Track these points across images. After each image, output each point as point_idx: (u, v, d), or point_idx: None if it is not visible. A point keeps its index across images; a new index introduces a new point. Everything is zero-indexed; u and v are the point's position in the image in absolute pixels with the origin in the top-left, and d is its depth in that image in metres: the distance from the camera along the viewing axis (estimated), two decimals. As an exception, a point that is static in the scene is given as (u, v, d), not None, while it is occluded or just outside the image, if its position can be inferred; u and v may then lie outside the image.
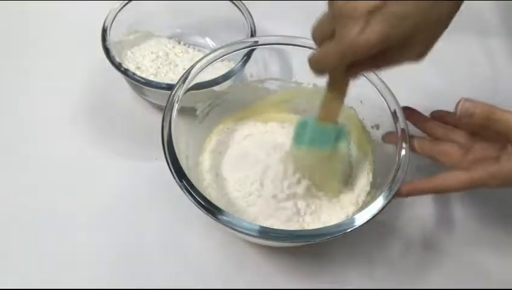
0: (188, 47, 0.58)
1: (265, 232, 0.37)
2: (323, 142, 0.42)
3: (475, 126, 0.39)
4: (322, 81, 0.40)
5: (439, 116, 0.45)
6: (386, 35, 0.31)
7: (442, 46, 0.67)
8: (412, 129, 0.45)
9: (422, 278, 0.46)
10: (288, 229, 0.43)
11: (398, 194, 0.40)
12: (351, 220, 0.38)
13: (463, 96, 0.38)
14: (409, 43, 0.33)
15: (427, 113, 0.46)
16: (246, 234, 0.37)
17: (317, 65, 0.37)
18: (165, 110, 0.42)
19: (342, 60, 0.34)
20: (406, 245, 0.48)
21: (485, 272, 0.47)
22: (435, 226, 0.49)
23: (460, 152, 0.42)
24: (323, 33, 0.35)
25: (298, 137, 0.43)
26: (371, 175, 0.46)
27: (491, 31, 0.67)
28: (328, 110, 0.41)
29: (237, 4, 0.54)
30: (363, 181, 0.46)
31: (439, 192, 0.41)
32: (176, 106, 0.42)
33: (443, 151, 0.42)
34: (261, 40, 0.48)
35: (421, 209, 0.50)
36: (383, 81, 0.45)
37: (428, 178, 0.41)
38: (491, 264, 0.48)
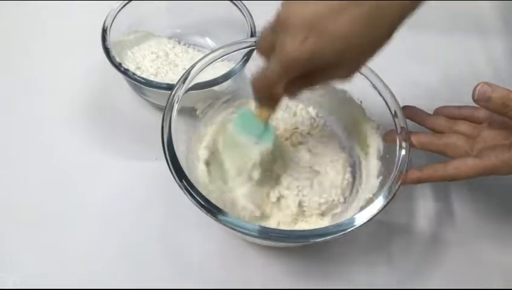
0: (188, 47, 0.58)
1: (265, 232, 0.37)
2: (250, 132, 0.42)
3: (488, 111, 0.39)
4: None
5: (443, 112, 0.46)
6: (320, 53, 0.32)
7: (443, 46, 0.67)
8: (413, 128, 0.45)
9: (423, 277, 0.46)
10: (288, 229, 0.43)
11: (406, 182, 0.40)
12: (351, 220, 0.38)
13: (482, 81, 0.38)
14: (339, 63, 0.34)
15: (427, 113, 0.46)
16: (246, 234, 0.37)
17: (261, 91, 0.37)
18: (165, 110, 0.42)
19: (280, 78, 0.35)
20: (407, 243, 0.48)
21: (488, 267, 0.47)
22: (435, 223, 0.49)
23: (468, 142, 0.42)
24: (268, 47, 0.35)
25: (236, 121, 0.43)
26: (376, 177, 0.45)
27: (491, 31, 0.67)
28: (261, 115, 0.41)
29: (237, 4, 0.54)
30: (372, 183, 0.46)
31: (451, 180, 0.40)
32: (176, 106, 0.42)
33: (451, 143, 0.42)
34: (261, 40, 0.47)
35: (421, 206, 0.50)
36: (383, 81, 0.45)
37: (439, 165, 0.41)
38: (494, 257, 0.48)
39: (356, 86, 0.46)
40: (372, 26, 0.32)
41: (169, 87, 0.46)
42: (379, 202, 0.39)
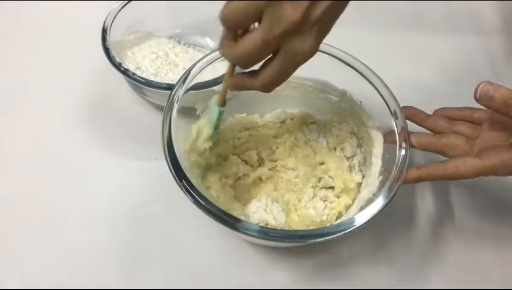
0: (188, 47, 0.58)
1: (265, 232, 0.37)
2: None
3: (488, 113, 0.39)
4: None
5: (442, 113, 0.46)
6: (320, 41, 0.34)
7: (443, 46, 0.67)
8: (413, 128, 0.45)
9: (423, 277, 0.46)
10: (288, 229, 0.43)
11: (405, 180, 0.40)
12: (351, 220, 0.38)
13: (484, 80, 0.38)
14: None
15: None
16: (246, 234, 0.37)
17: (251, 57, 0.37)
18: (165, 110, 0.42)
19: (277, 42, 0.34)
20: (407, 243, 0.48)
21: (488, 267, 0.47)
22: (435, 223, 0.50)
23: (468, 143, 0.42)
24: (246, 21, 0.36)
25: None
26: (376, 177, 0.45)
27: (491, 31, 0.67)
28: (225, 94, 0.42)
29: (237, 4, 0.54)
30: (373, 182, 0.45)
31: (450, 179, 0.40)
32: (176, 106, 0.42)
33: (450, 144, 0.42)
34: (261, 40, 0.47)
35: (421, 206, 0.50)
36: (382, 81, 0.45)
37: (439, 164, 0.41)
38: (493, 257, 0.48)
39: (356, 86, 0.46)
40: None
41: (169, 87, 0.46)
42: (379, 202, 0.39)
